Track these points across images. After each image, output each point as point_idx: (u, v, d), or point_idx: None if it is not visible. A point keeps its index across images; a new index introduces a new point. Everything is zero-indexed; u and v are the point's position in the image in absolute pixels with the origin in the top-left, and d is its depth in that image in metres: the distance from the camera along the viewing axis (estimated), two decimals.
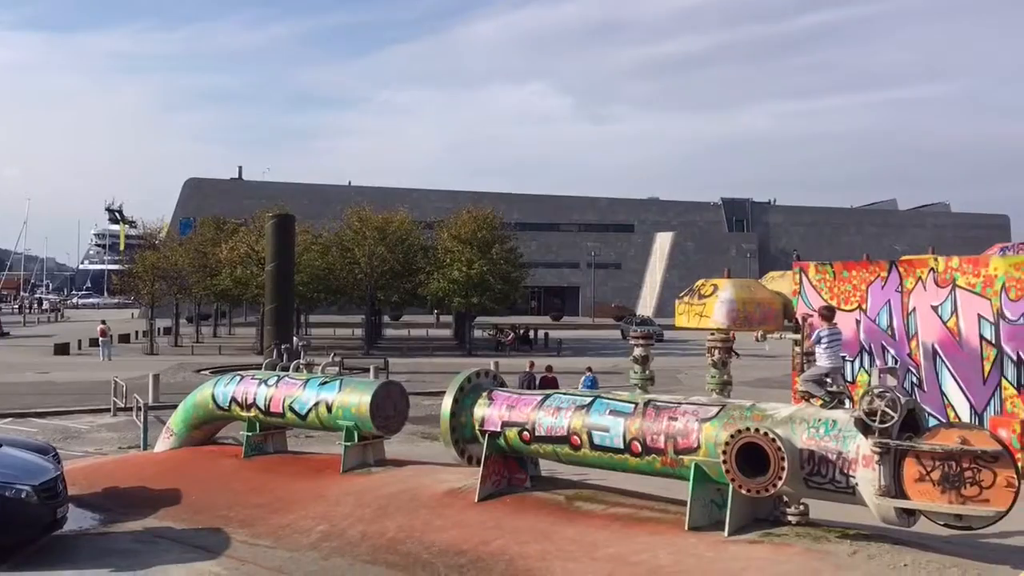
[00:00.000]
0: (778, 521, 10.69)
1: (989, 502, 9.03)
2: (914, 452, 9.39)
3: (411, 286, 57.38)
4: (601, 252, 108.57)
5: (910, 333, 17.58)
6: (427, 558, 10.77)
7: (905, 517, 9.70)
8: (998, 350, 16.00)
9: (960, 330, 16.65)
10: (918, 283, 17.47)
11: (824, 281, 19.40)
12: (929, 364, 17.20)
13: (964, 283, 16.62)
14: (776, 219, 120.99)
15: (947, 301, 16.90)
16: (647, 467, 11.55)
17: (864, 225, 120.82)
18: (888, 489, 9.44)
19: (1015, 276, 15.85)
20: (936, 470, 9.28)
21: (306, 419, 15.35)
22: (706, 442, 10.85)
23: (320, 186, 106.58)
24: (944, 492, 9.23)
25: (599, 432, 11.77)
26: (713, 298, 21.32)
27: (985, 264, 16.64)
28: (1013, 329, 15.79)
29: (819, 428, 10.24)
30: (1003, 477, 8.99)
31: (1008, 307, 15.88)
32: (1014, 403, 15.73)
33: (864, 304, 18.46)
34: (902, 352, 17.67)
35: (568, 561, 9.93)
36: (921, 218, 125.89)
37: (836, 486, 10.01)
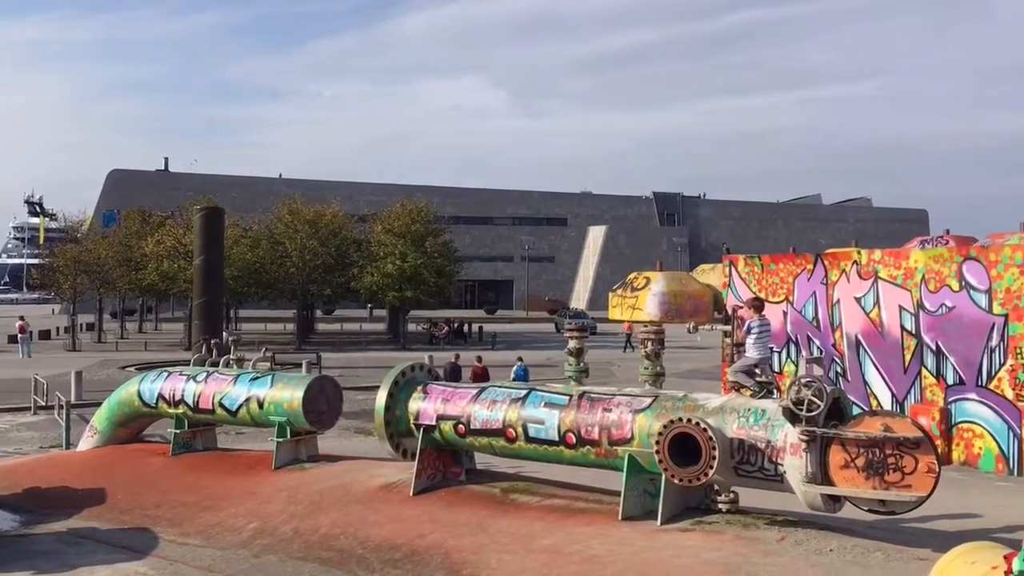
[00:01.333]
0: (709, 509, 10.88)
1: (911, 487, 9.33)
2: (839, 440, 9.65)
3: (344, 280, 56.78)
4: (535, 246, 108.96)
5: (835, 324, 18.06)
6: (361, 553, 10.68)
7: (831, 503, 9.97)
8: (918, 340, 16.55)
9: (882, 321, 17.17)
10: (842, 275, 17.95)
11: (753, 274, 19.80)
12: (853, 354, 17.70)
13: (886, 275, 17.13)
14: (706, 213, 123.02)
15: (870, 293, 17.40)
16: (582, 458, 11.64)
17: (790, 219, 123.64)
18: (814, 476, 9.68)
19: (934, 268, 16.39)
20: (860, 457, 9.55)
21: (237, 415, 15.07)
22: (640, 433, 10.97)
23: (250, 178, 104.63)
24: (868, 478, 9.51)
25: (534, 424, 11.81)
26: (646, 291, 21.59)
27: (906, 257, 17.18)
28: (932, 320, 16.34)
29: (749, 418, 10.44)
30: (924, 463, 9.30)
31: (927, 298, 16.43)
32: (934, 391, 16.29)
33: (791, 296, 18.90)
34: (827, 343, 18.14)
35: (504, 553, 9.95)
36: (844, 212, 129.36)
37: (765, 474, 10.23)
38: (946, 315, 16.10)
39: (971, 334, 15.68)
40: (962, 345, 15.83)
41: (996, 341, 15.36)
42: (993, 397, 15.39)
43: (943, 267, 16.25)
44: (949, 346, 16.04)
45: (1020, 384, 15.01)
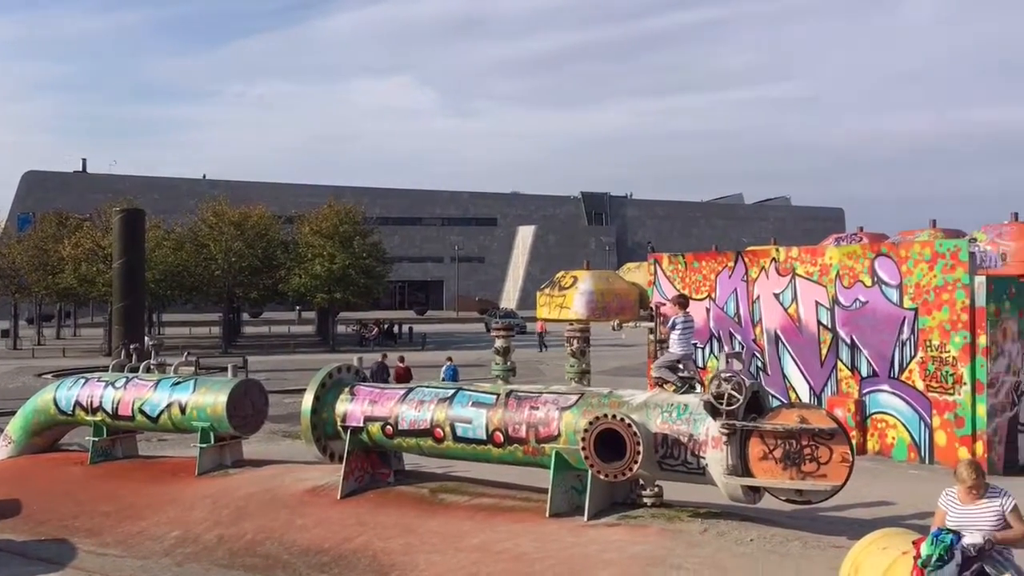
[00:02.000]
0: (635, 504, 11.06)
1: (827, 477, 9.63)
2: (758, 432, 9.90)
3: (271, 282, 55.92)
4: (464, 246, 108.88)
5: (755, 320, 18.52)
6: (287, 559, 10.56)
7: (751, 494, 10.23)
8: (834, 334, 17.08)
9: (800, 316, 17.67)
10: (762, 272, 18.41)
11: (677, 272, 20.17)
12: (772, 349, 18.17)
13: (803, 272, 17.64)
14: (633, 213, 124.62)
15: (788, 289, 17.89)
16: (510, 457, 11.72)
17: (713, 218, 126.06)
18: (735, 468, 9.92)
19: (848, 265, 16.94)
20: (778, 448, 9.82)
21: (158, 421, 14.73)
22: (566, 430, 11.09)
23: (172, 180, 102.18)
24: (786, 469, 9.78)
25: (462, 424, 11.83)
26: (573, 290, 21.82)
27: (821, 254, 17.72)
28: (847, 314, 16.88)
29: (672, 412, 10.65)
30: (839, 453, 9.61)
31: (842, 294, 16.97)
32: (849, 384, 16.83)
33: (713, 293, 19.32)
34: (748, 338, 18.59)
35: (432, 553, 9.96)
36: (765, 211, 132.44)
37: (688, 467, 10.44)
38: (860, 310, 16.66)
39: (883, 328, 16.25)
40: (875, 339, 16.39)
41: (907, 334, 15.95)
42: (905, 388, 15.98)
43: (856, 263, 16.80)
44: (863, 340, 16.59)
45: (930, 375, 15.62)
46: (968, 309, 15.18)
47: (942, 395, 15.45)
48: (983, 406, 15.01)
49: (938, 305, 15.54)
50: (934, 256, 15.74)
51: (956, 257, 15.51)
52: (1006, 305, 15.46)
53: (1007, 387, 15.40)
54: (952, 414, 15.31)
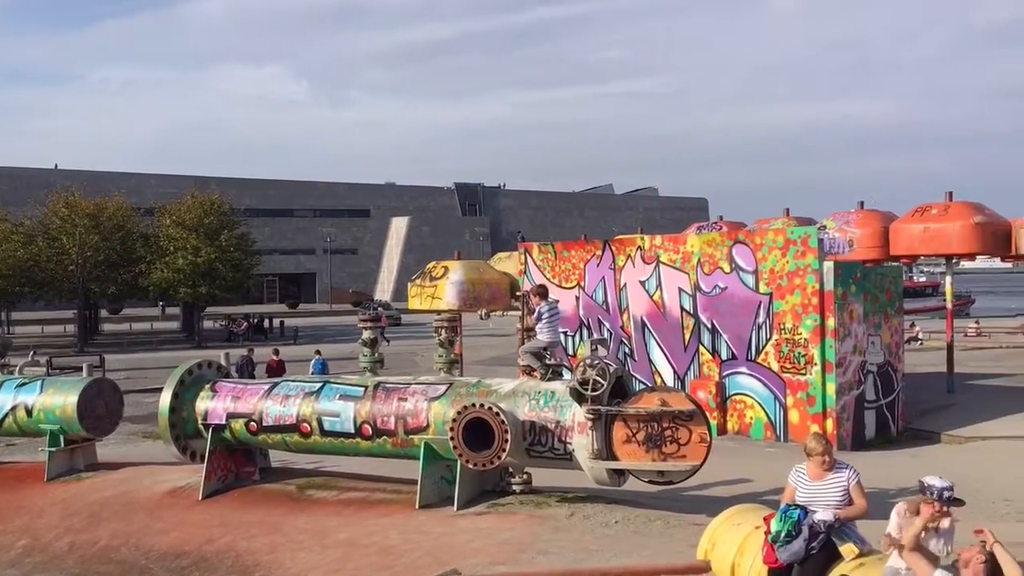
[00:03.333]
0: (505, 491, 11.15)
1: (686, 457, 9.96)
2: (622, 416, 10.14)
3: (131, 277, 53.34)
4: (337, 238, 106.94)
5: (622, 307, 18.94)
6: (145, 564, 10.13)
7: (616, 477, 10.47)
8: (696, 320, 17.66)
9: (664, 303, 18.19)
10: (628, 261, 18.84)
11: (547, 261, 20.40)
12: (639, 335, 18.64)
13: (666, 259, 18.15)
14: (507, 203, 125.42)
15: (652, 276, 18.38)
16: (379, 449, 11.60)
17: (585, 208, 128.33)
18: (600, 452, 10.13)
19: (708, 252, 17.54)
20: (641, 431, 10.08)
21: (1, 426, 13.85)
22: (435, 420, 11.06)
23: (20, 169, 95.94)
24: (648, 451, 10.06)
25: (329, 418, 11.63)
26: (444, 280, 21.75)
27: (683, 242, 18.28)
28: (707, 300, 17.48)
29: (539, 400, 10.77)
30: (697, 434, 9.95)
31: (703, 280, 17.55)
32: (710, 367, 17.45)
33: (582, 281, 19.64)
34: (615, 325, 19.00)
35: (298, 551, 9.74)
36: (634, 201, 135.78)
37: (555, 453, 10.60)
38: (719, 295, 17.28)
39: (741, 312, 16.92)
40: (734, 323, 17.04)
41: (763, 318, 16.65)
42: (761, 370, 16.69)
43: (716, 251, 17.41)
44: (722, 324, 17.23)
45: (784, 357, 16.37)
46: (818, 293, 15.97)
47: (795, 375, 16.22)
48: (832, 385, 15.84)
49: (791, 290, 16.28)
50: (787, 243, 16.48)
51: (807, 244, 16.29)
52: (852, 289, 16.35)
53: (854, 366, 16.31)
54: (804, 393, 16.10)
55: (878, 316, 16.91)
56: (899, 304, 17.96)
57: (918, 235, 20.09)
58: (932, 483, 6.57)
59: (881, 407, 16.80)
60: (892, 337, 17.38)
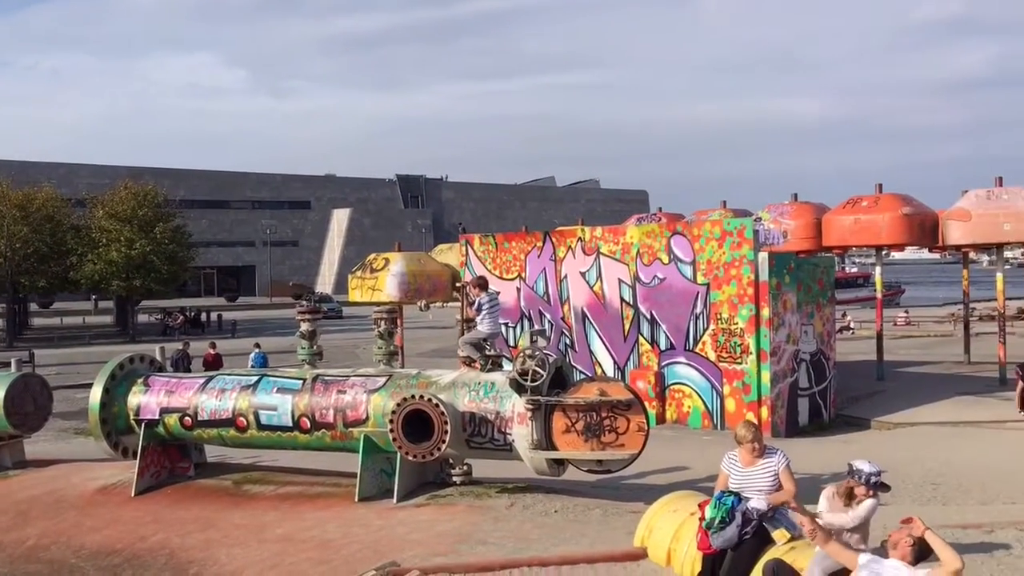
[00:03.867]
0: (445, 483, 11.13)
1: (624, 446, 10.05)
2: (561, 406, 10.19)
3: (62, 270, 51.87)
4: (277, 230, 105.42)
5: (563, 298, 19.05)
6: (75, 563, 9.87)
7: (555, 467, 10.53)
8: (635, 310, 17.84)
9: (604, 293, 18.33)
10: (569, 252, 18.95)
11: (488, 252, 20.40)
12: (579, 326, 18.77)
13: (606, 250, 18.30)
14: (449, 195, 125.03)
15: (593, 267, 18.51)
16: (318, 443, 11.48)
17: (527, 200, 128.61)
18: (540, 442, 10.17)
19: (647, 243, 17.72)
20: (580, 421, 10.15)
21: None
22: (375, 412, 10.98)
23: None
24: (587, 440, 10.13)
25: (266, 411, 11.46)
26: (384, 272, 21.62)
27: (623, 233, 18.44)
28: (647, 291, 17.67)
29: (479, 391, 10.76)
30: (635, 423, 10.04)
31: (642, 271, 17.74)
32: (649, 357, 17.65)
33: (523, 272, 19.69)
34: (556, 316, 19.10)
35: (234, 547, 9.60)
36: (576, 194, 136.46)
37: (495, 444, 10.61)
38: (658, 286, 17.48)
39: (679, 303, 17.14)
40: (672, 313, 17.26)
41: (700, 308, 16.90)
42: (699, 359, 16.94)
43: (655, 242, 17.61)
44: (661, 314, 17.44)
45: (721, 346, 16.64)
46: (753, 283, 16.26)
47: (731, 364, 16.50)
48: (767, 373, 16.15)
49: (727, 280, 16.54)
50: (723, 234, 16.74)
51: (742, 235, 16.57)
52: (786, 279, 16.68)
53: (788, 355, 16.65)
54: (740, 382, 16.39)
55: (811, 306, 17.29)
56: (831, 294, 18.39)
57: (849, 226, 20.56)
58: (860, 467, 6.75)
59: (814, 395, 17.20)
60: (824, 326, 17.79)
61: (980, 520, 9.37)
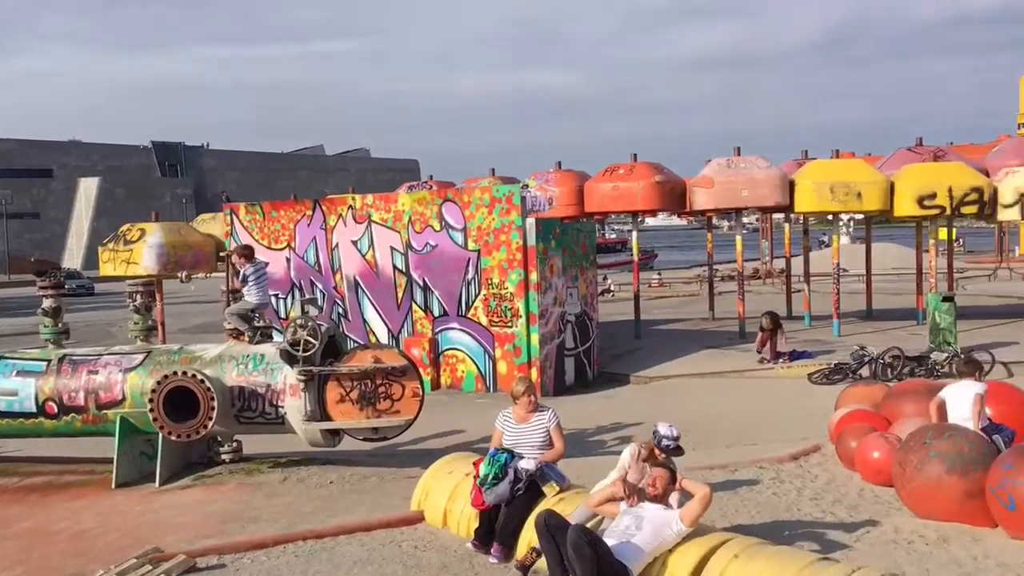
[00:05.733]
0: (213, 462, 10.67)
1: (400, 412, 10.08)
2: (335, 376, 10.04)
3: None
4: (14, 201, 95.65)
5: (335, 267, 18.71)
6: None
7: (331, 438, 10.38)
8: (408, 278, 17.86)
9: (377, 262, 18.20)
10: (339, 220, 18.60)
11: (255, 222, 19.60)
12: (352, 295, 18.54)
13: (378, 218, 18.14)
14: (211, 164, 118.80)
15: (364, 236, 18.30)
16: (67, 428, 10.63)
17: (296, 170, 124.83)
18: (313, 414, 9.98)
19: (419, 211, 17.75)
20: (355, 390, 10.06)
21: None
22: (132, 392, 10.31)
23: None
24: (362, 409, 10.06)
25: (5, 397, 10.48)
26: (141, 243, 20.23)
27: (394, 200, 18.35)
28: (419, 258, 17.73)
29: (248, 364, 10.38)
30: (410, 388, 10.09)
31: (414, 238, 17.76)
32: (423, 324, 17.76)
33: (293, 242, 19.11)
34: (328, 285, 18.74)
35: None
36: (346, 163, 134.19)
37: (267, 418, 10.29)
38: (430, 253, 17.58)
39: (451, 269, 17.34)
40: (444, 280, 17.44)
41: (472, 274, 17.19)
42: (471, 324, 17.26)
43: (426, 209, 17.67)
44: (434, 281, 17.57)
45: (492, 311, 17.03)
46: (522, 249, 16.73)
47: (503, 328, 16.94)
48: (536, 336, 16.73)
49: (497, 246, 16.92)
50: (492, 201, 17.07)
51: (511, 201, 16.98)
52: (552, 244, 17.30)
53: (555, 317, 17.33)
54: (511, 345, 16.88)
55: (575, 269, 18.07)
56: (593, 258, 19.30)
57: (608, 193, 21.64)
58: (658, 429, 7.13)
59: (579, 354, 18.04)
60: (587, 289, 18.67)
61: (725, 461, 10.28)
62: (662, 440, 7.03)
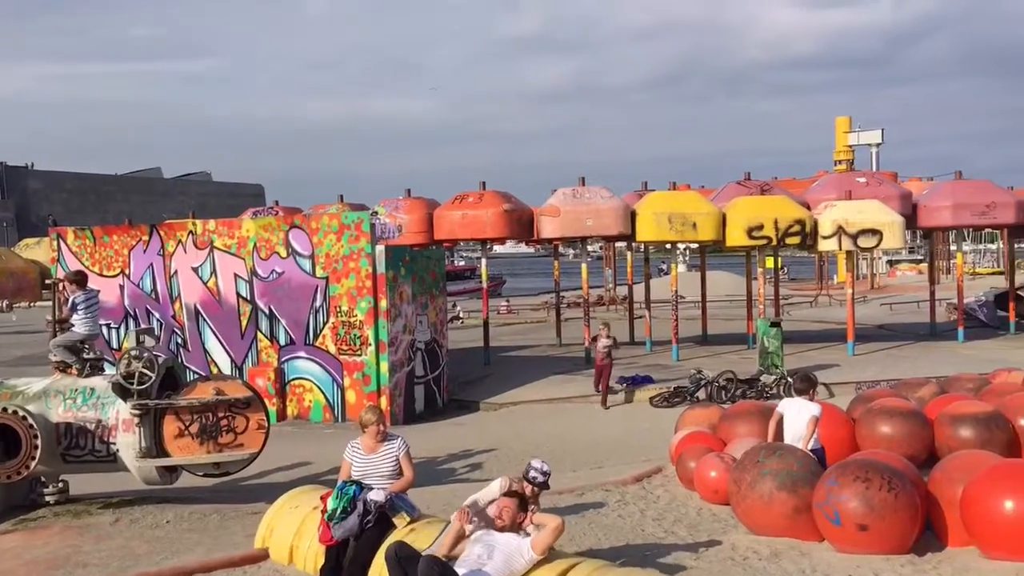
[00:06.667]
0: (36, 504, 9.94)
1: (244, 446, 9.72)
2: (173, 409, 9.60)
3: None
4: None
5: (173, 295, 17.93)
6: None
7: (168, 475, 9.89)
8: (253, 306, 17.34)
9: (219, 289, 17.58)
10: (179, 246, 17.88)
11: (85, 247, 18.56)
12: (193, 324, 17.81)
13: (221, 245, 17.56)
14: (35, 185, 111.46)
15: (206, 262, 17.66)
16: None
17: (131, 193, 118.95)
18: (149, 450, 9.48)
19: (264, 237, 17.30)
20: (194, 424, 9.63)
21: None
22: None
23: None
24: (203, 443, 9.64)
25: None
26: None
27: (238, 226, 17.82)
28: (265, 285, 17.26)
29: (76, 399, 9.77)
30: (254, 421, 9.76)
31: (260, 265, 17.29)
32: (269, 353, 17.26)
33: (127, 269, 18.21)
34: (167, 314, 17.94)
35: None
36: (186, 186, 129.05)
37: (97, 456, 9.70)
38: (276, 280, 17.16)
39: (299, 297, 16.98)
40: (291, 308, 17.05)
41: (320, 302, 16.88)
42: (319, 353, 16.92)
43: (272, 235, 17.25)
44: (280, 309, 17.14)
45: (341, 339, 16.76)
46: (371, 276, 16.58)
47: (351, 356, 16.69)
48: (386, 363, 16.58)
49: (346, 273, 16.70)
50: (341, 228, 16.86)
51: (360, 228, 16.82)
52: (402, 271, 17.24)
53: (405, 344, 17.23)
54: (360, 373, 16.64)
55: (425, 297, 18.06)
56: (443, 285, 19.36)
57: (458, 221, 21.81)
58: (531, 463, 7.19)
59: (429, 381, 18.01)
60: (437, 316, 18.69)
61: (572, 485, 10.48)
62: (531, 473, 7.11)
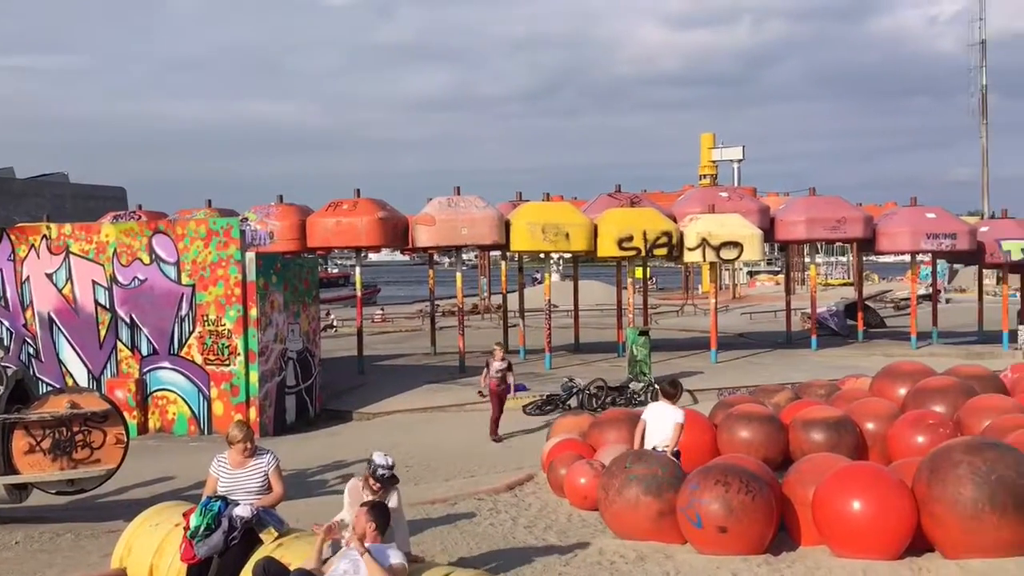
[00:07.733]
0: None
1: (101, 461, 9.32)
2: (23, 424, 9.11)
3: None
4: None
5: (25, 303, 16.98)
6: None
7: (17, 493, 9.36)
8: (112, 314, 16.59)
9: (76, 297, 16.75)
10: (31, 251, 16.94)
11: None
12: (46, 333, 16.89)
13: (78, 250, 16.74)
14: None
15: (62, 268, 16.80)
16: None
17: None
18: None
19: (126, 242, 16.59)
20: (47, 439, 9.18)
21: None
22: None
23: None
24: (56, 459, 9.19)
25: None
26: None
27: (97, 231, 17.02)
28: (125, 293, 16.55)
29: None
30: (113, 435, 9.38)
31: (120, 272, 16.56)
32: (129, 364, 16.54)
33: None
34: (17, 323, 16.97)
35: None
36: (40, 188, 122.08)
37: None
38: (139, 288, 16.48)
39: (163, 305, 16.35)
40: (155, 316, 16.40)
41: (186, 310, 16.30)
42: (185, 363, 16.33)
43: (134, 241, 16.56)
44: (143, 318, 16.46)
45: (208, 349, 16.24)
46: (241, 284, 16.14)
47: (219, 367, 16.18)
48: (255, 374, 16.15)
49: (214, 281, 16.19)
50: (209, 234, 16.35)
51: (229, 235, 16.35)
52: (273, 279, 16.85)
53: (275, 354, 16.83)
54: (228, 384, 16.16)
55: (297, 305, 17.72)
56: (316, 293, 19.04)
57: (332, 228, 21.51)
58: (373, 458, 7.05)
59: (301, 392, 17.66)
60: (310, 325, 18.36)
61: (445, 495, 10.51)
62: (377, 469, 7.01)
